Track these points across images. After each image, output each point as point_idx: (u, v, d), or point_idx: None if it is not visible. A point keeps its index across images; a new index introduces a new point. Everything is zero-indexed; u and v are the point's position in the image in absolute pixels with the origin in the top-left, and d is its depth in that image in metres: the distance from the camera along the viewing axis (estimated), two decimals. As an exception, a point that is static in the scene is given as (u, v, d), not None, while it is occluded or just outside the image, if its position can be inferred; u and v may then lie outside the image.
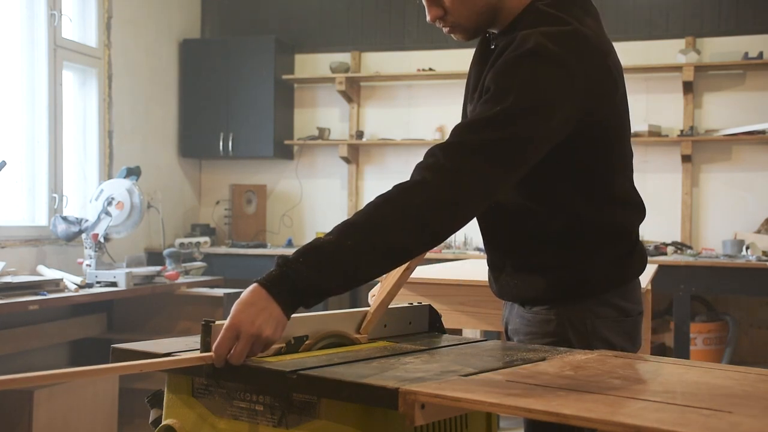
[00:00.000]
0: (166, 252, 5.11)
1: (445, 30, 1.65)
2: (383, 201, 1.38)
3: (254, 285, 1.34)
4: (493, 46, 1.64)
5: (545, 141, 1.46)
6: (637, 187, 1.70)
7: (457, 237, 5.81)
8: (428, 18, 1.63)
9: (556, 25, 1.49)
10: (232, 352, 1.31)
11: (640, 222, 1.69)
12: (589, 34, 1.50)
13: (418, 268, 3.03)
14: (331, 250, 1.34)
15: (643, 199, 1.71)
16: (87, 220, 4.53)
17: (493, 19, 1.61)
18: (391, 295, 1.64)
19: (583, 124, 1.50)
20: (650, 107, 5.75)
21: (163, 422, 1.42)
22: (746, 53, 5.44)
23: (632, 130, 6.17)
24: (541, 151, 1.46)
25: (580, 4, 1.58)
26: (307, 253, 1.35)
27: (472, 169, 1.39)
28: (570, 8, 1.54)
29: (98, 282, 4.34)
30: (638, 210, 1.68)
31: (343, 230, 1.36)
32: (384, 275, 1.62)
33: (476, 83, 1.64)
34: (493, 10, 1.59)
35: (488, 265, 1.78)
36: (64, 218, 4.53)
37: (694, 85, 5.57)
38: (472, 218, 1.46)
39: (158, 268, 4.74)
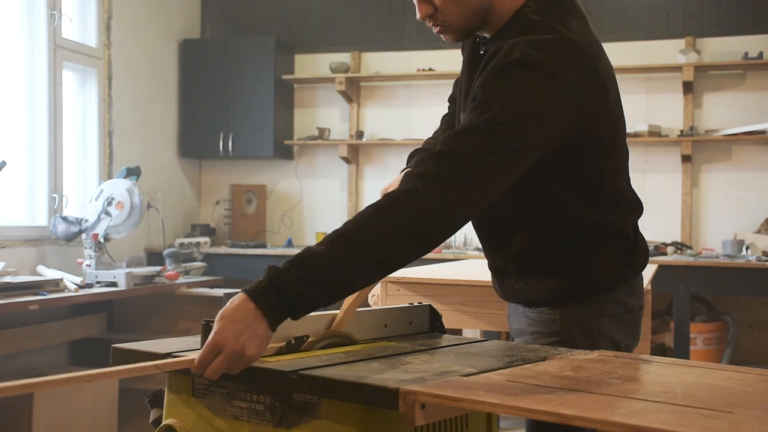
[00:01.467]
0: (166, 252, 5.11)
1: (435, 30, 1.64)
2: (375, 210, 1.37)
3: (242, 296, 1.31)
4: (482, 51, 1.64)
5: (535, 148, 1.45)
6: (637, 187, 1.72)
7: (457, 237, 5.81)
8: (418, 16, 1.61)
9: (543, 33, 1.48)
10: (209, 365, 1.29)
11: (638, 218, 1.71)
12: (577, 41, 1.49)
13: (416, 268, 3.04)
14: (323, 261, 1.32)
15: (643, 199, 1.73)
16: (87, 220, 4.53)
17: (483, 22, 1.60)
18: (363, 294, 1.61)
19: (576, 131, 1.50)
20: (650, 107, 5.75)
21: (164, 422, 1.42)
22: (746, 53, 5.44)
23: (633, 130, 6.08)
24: (529, 158, 1.46)
25: (567, 9, 1.56)
26: (298, 263, 1.32)
27: (463, 179, 1.39)
28: (556, 14, 1.53)
29: (98, 282, 4.34)
30: (635, 207, 1.70)
31: (334, 241, 1.35)
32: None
33: (467, 89, 1.64)
34: (484, 13, 1.58)
35: (490, 270, 1.78)
36: (64, 218, 4.53)
37: (694, 85, 5.57)
38: (464, 225, 1.46)
39: (158, 268, 4.75)
